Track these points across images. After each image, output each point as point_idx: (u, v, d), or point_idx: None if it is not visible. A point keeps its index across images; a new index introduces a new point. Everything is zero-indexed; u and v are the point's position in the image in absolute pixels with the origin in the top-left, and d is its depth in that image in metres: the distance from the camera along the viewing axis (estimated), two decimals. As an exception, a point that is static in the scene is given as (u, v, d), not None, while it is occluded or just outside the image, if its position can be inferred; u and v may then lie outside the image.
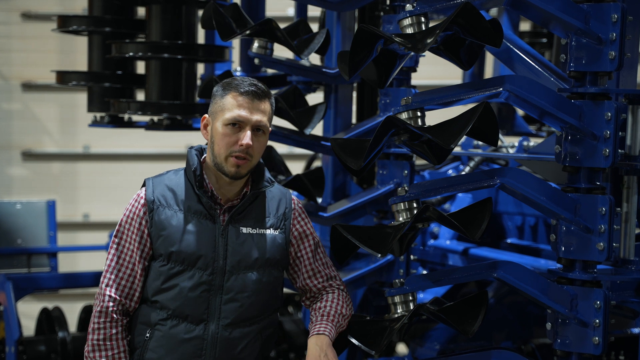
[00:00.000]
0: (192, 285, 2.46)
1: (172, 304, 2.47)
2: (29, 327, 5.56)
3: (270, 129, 2.52)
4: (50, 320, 5.10)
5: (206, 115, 2.54)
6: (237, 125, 2.45)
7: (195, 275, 2.46)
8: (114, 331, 2.49)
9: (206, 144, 2.60)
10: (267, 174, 2.59)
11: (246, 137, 2.44)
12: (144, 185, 2.56)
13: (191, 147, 2.59)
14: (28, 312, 6.20)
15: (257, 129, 2.47)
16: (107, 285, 2.51)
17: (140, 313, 2.52)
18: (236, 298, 2.48)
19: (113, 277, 2.51)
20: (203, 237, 2.48)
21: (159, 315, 2.48)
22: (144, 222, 2.50)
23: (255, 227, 2.52)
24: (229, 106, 2.45)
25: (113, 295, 2.50)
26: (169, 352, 2.47)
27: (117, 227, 2.54)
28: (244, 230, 2.51)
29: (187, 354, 2.46)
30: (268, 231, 2.54)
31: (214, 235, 2.49)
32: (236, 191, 2.53)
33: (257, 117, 2.45)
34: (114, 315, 2.50)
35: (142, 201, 2.52)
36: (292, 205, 2.62)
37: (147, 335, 2.50)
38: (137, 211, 2.52)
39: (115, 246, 2.53)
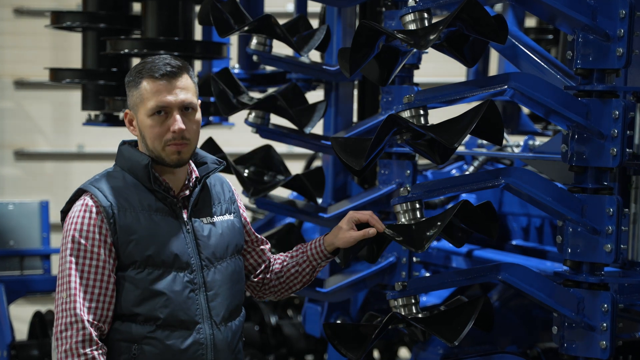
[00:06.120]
0: (179, 288, 2.27)
1: (160, 312, 2.25)
2: (21, 331, 5.50)
3: (199, 102, 2.31)
4: (43, 323, 5.07)
5: (127, 110, 2.32)
6: (162, 112, 2.25)
7: (177, 277, 2.29)
8: (103, 359, 2.22)
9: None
10: (210, 155, 2.43)
11: (177, 122, 2.25)
12: (79, 194, 2.30)
13: (123, 143, 2.37)
14: (20, 315, 6.14)
15: (185, 108, 2.27)
16: (80, 311, 2.20)
17: (117, 330, 2.27)
18: (219, 292, 2.34)
19: (82, 300, 2.21)
20: (172, 235, 2.31)
21: (144, 328, 2.25)
22: (104, 232, 2.24)
23: (212, 216, 2.40)
24: (147, 94, 2.25)
25: (91, 320, 2.22)
26: None
27: (68, 245, 2.24)
28: (205, 221, 2.37)
29: None
30: (226, 217, 2.42)
31: (182, 231, 2.33)
32: (182, 180, 2.37)
33: (181, 96, 2.26)
34: (99, 342, 2.22)
35: (94, 209, 2.25)
36: (231, 187, 2.51)
37: (134, 352, 2.25)
38: (91, 222, 2.24)
39: (74, 266, 2.22)
